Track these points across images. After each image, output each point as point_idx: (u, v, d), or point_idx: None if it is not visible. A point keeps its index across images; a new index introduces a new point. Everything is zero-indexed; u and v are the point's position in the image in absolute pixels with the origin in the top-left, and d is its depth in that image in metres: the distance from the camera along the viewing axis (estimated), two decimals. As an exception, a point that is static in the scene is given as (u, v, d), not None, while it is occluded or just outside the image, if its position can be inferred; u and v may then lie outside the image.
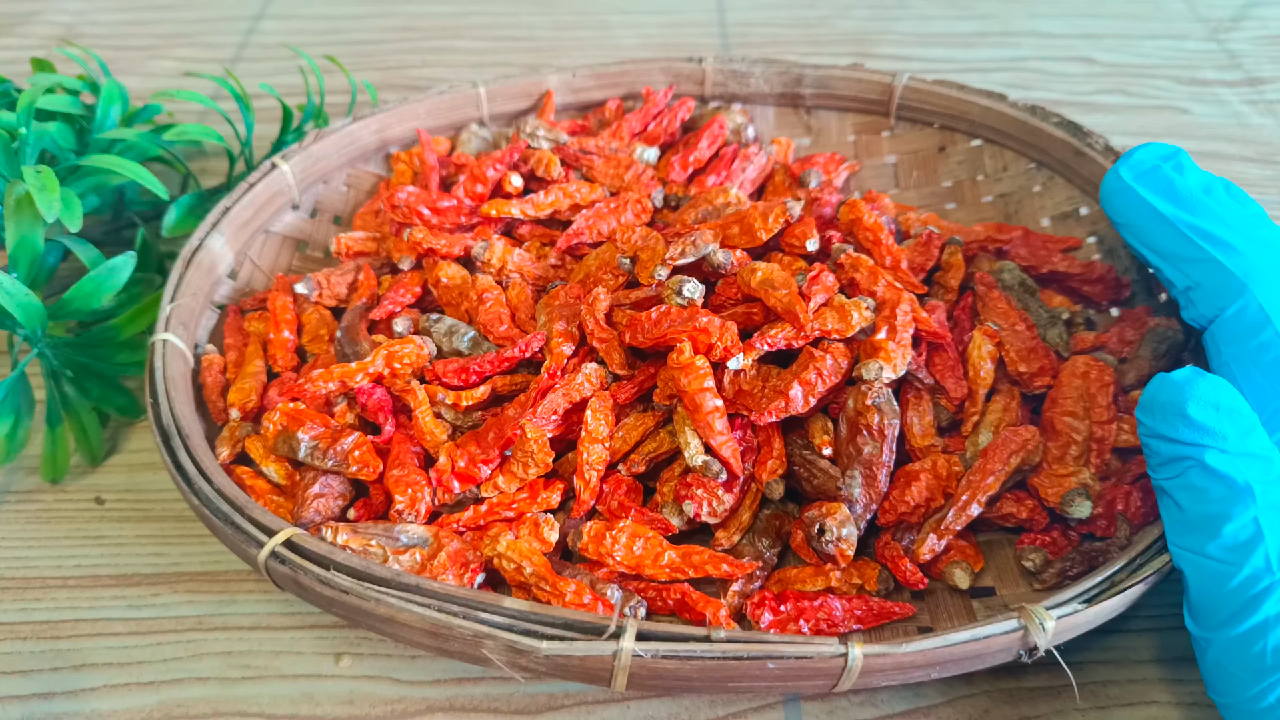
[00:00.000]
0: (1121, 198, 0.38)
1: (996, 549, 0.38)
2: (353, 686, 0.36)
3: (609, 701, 0.36)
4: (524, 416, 0.38)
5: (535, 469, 0.38)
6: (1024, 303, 0.43)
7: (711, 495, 0.37)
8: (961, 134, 0.53)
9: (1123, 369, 0.41)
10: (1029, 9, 0.73)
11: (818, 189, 0.49)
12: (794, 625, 0.35)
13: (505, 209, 0.47)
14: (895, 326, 0.38)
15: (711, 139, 0.51)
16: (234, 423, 0.41)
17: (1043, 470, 0.38)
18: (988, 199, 0.51)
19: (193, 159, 0.60)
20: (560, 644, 0.30)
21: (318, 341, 0.45)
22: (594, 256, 0.44)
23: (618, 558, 0.36)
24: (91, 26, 0.73)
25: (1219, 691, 0.32)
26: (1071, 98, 0.64)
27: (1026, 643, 0.31)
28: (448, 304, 0.45)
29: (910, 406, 0.39)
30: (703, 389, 0.37)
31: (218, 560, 0.40)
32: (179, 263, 0.44)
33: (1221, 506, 0.30)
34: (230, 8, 0.75)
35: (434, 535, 0.36)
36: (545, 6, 0.75)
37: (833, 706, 0.35)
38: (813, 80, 0.54)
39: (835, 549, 0.35)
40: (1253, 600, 0.30)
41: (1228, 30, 0.70)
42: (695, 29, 0.72)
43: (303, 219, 0.51)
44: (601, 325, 0.40)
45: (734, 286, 0.41)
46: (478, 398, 0.40)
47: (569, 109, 0.56)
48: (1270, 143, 0.60)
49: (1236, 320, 0.34)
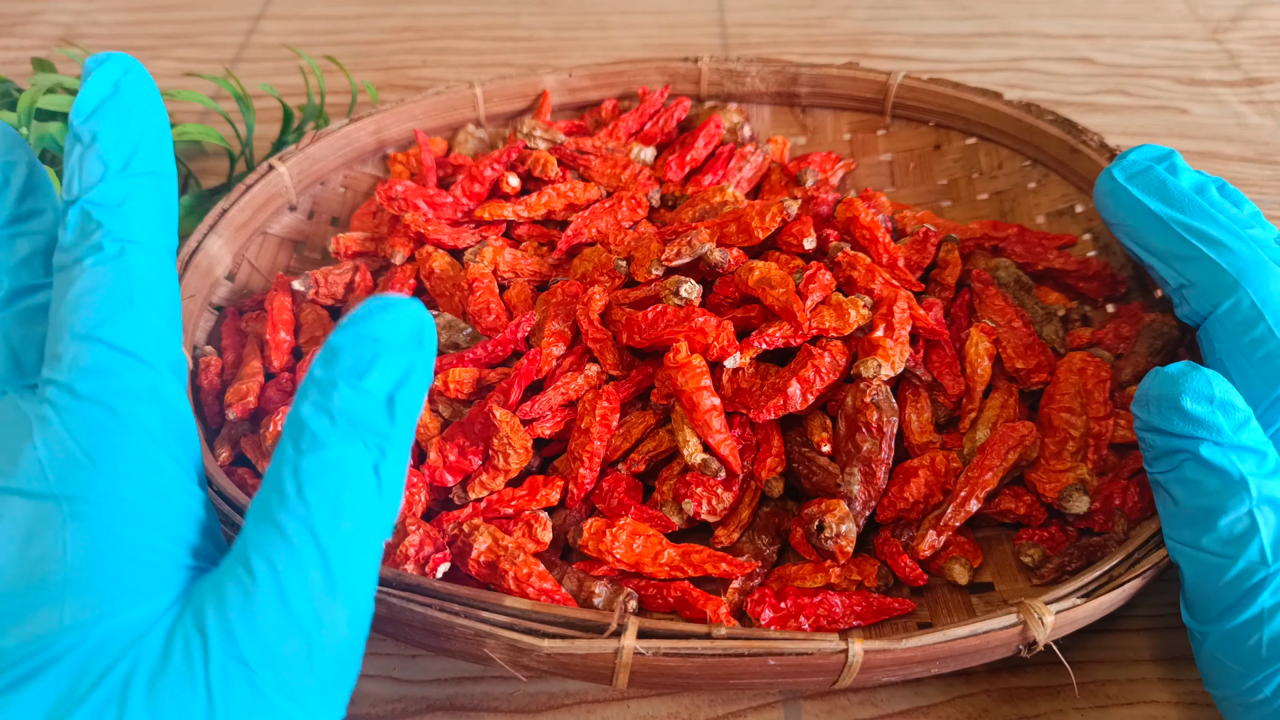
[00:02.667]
0: (1114, 198, 0.39)
1: (995, 545, 0.38)
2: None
3: (609, 700, 0.36)
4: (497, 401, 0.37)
5: (516, 457, 0.37)
6: (1020, 300, 0.43)
7: (711, 493, 0.37)
8: (957, 132, 0.53)
9: (1119, 365, 0.41)
10: (1028, 9, 0.73)
11: (814, 187, 0.49)
12: (794, 622, 0.35)
13: (499, 212, 0.47)
14: (893, 324, 0.38)
15: (708, 138, 0.51)
16: (231, 424, 0.41)
17: (1040, 466, 0.38)
18: (983, 196, 0.51)
19: (193, 159, 0.60)
20: (562, 642, 0.30)
21: (314, 343, 0.45)
22: (587, 257, 0.44)
23: (617, 555, 0.36)
24: (92, 27, 0.73)
25: (1215, 685, 0.32)
26: (1071, 98, 0.64)
27: (1026, 637, 0.31)
28: (440, 295, 0.45)
29: (908, 403, 0.40)
30: (700, 388, 0.37)
31: (218, 559, 0.40)
32: (177, 264, 0.44)
33: (1216, 499, 0.30)
34: (230, 8, 0.76)
35: (400, 522, 0.36)
36: (545, 7, 0.75)
37: (832, 705, 0.36)
38: (808, 79, 0.55)
39: (834, 546, 0.35)
40: (1248, 593, 0.30)
41: (1227, 30, 0.70)
42: (695, 30, 0.72)
43: (300, 220, 0.51)
44: (596, 325, 0.40)
45: (731, 285, 0.41)
46: (466, 383, 0.40)
47: (565, 109, 0.56)
48: (1269, 143, 0.60)
49: (1230, 317, 0.35)
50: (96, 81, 0.29)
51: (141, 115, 0.29)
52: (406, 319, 0.27)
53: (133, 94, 0.29)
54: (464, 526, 0.36)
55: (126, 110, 0.29)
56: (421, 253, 0.46)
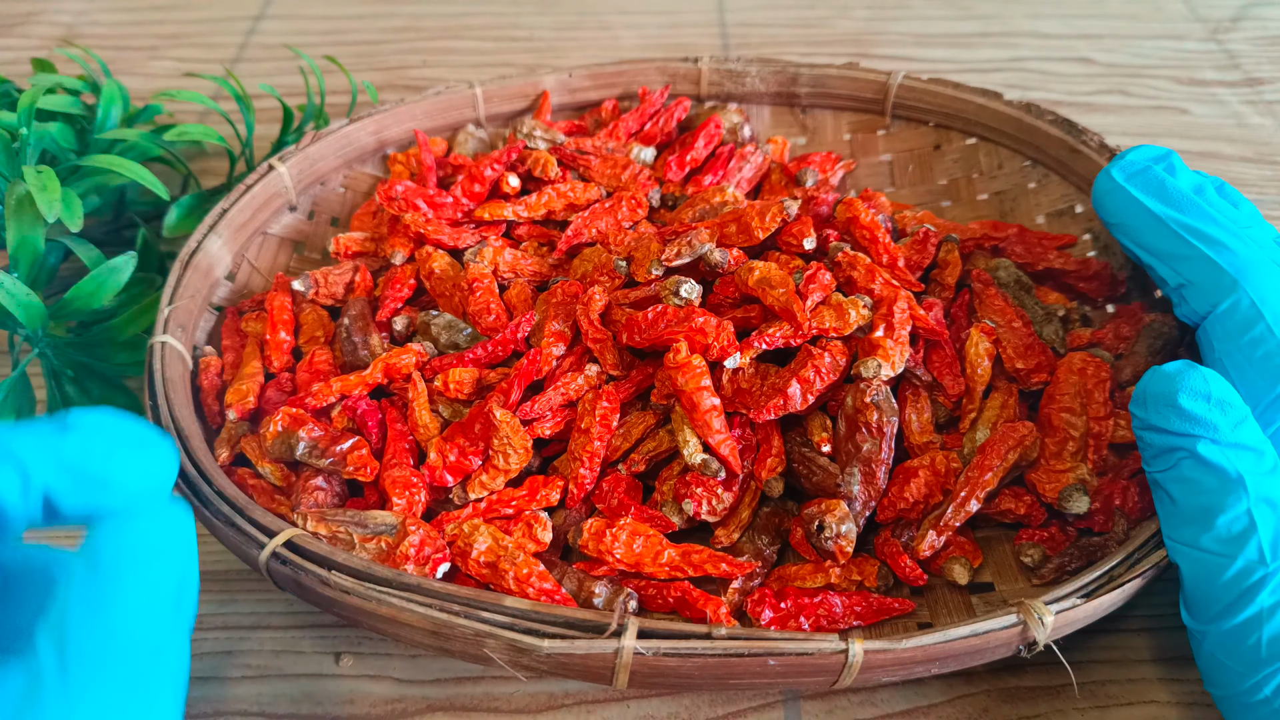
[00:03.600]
0: (1113, 198, 0.39)
1: (995, 545, 0.38)
2: (353, 686, 0.36)
3: (609, 700, 0.36)
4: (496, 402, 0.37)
5: (515, 457, 0.37)
6: (1020, 300, 0.43)
7: (711, 493, 0.37)
8: (957, 132, 0.53)
9: (1119, 365, 0.41)
10: (1029, 9, 0.73)
11: (814, 188, 0.49)
12: (794, 622, 0.35)
13: (499, 212, 0.47)
14: (893, 324, 0.38)
15: (708, 138, 0.51)
16: (231, 424, 0.41)
17: (1040, 466, 0.38)
18: (983, 197, 0.51)
19: (193, 159, 0.60)
20: (562, 642, 0.30)
21: (314, 343, 0.45)
22: (587, 257, 0.44)
23: (617, 555, 0.36)
24: (92, 27, 0.73)
25: (1215, 684, 0.32)
26: (1071, 98, 0.64)
27: (1026, 637, 0.31)
28: (440, 295, 0.45)
29: (908, 403, 0.40)
30: (700, 388, 0.37)
31: (218, 560, 0.40)
32: (177, 265, 0.44)
33: (1214, 498, 0.30)
34: (231, 8, 0.76)
35: (400, 523, 0.36)
36: (546, 7, 0.75)
37: (832, 705, 0.36)
38: (808, 79, 0.54)
39: (835, 546, 0.35)
40: (1246, 592, 0.30)
41: (1227, 31, 0.70)
42: (696, 30, 0.72)
43: (300, 220, 0.51)
44: (596, 325, 0.40)
45: (731, 286, 0.41)
46: (467, 384, 0.40)
47: (565, 109, 0.56)
48: (1269, 143, 0.60)
49: (1228, 316, 0.35)
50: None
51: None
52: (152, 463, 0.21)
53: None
54: (464, 527, 0.36)
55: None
56: (421, 253, 0.46)
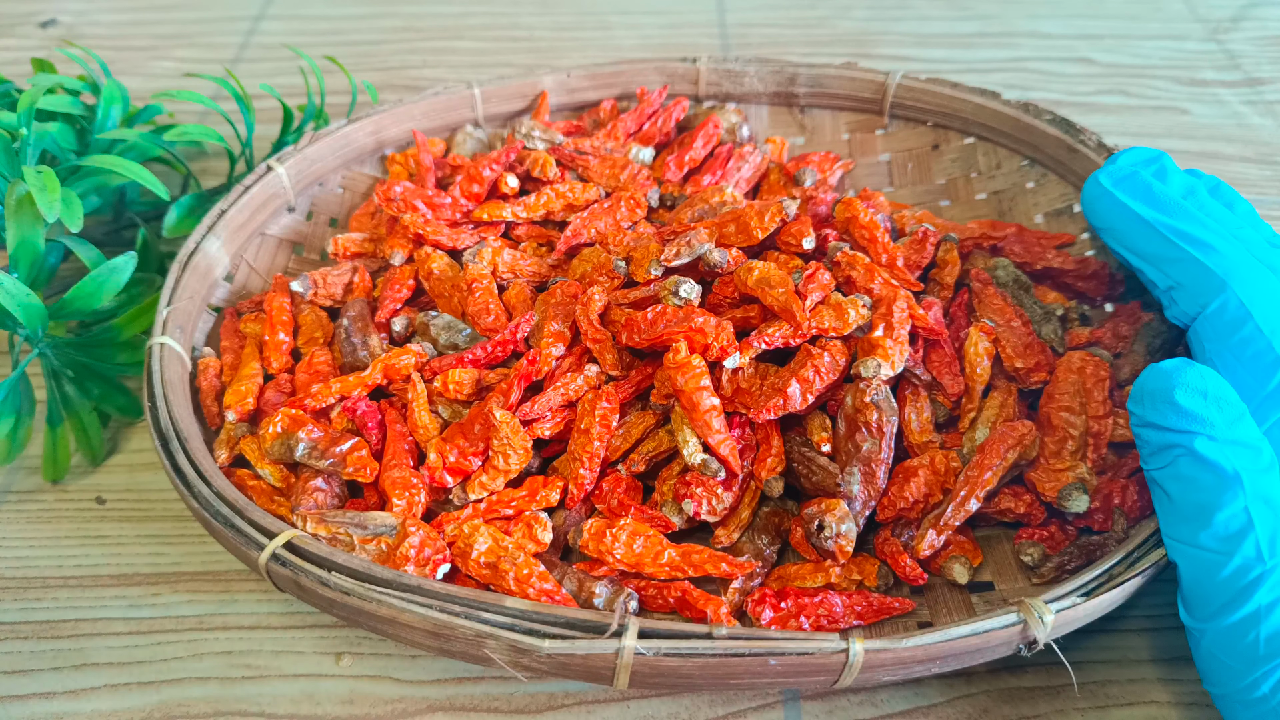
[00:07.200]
0: (1101, 203, 0.39)
1: (995, 544, 0.38)
2: (353, 686, 0.36)
3: (609, 701, 0.36)
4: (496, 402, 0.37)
5: (515, 457, 0.37)
6: (1019, 299, 0.43)
7: (710, 493, 0.37)
8: (955, 132, 0.53)
9: (1118, 364, 0.41)
10: (1029, 10, 0.73)
11: (813, 187, 0.49)
12: (794, 622, 0.35)
13: (498, 213, 0.47)
14: (892, 324, 0.38)
15: (706, 138, 0.51)
16: (230, 425, 0.41)
17: (1040, 465, 0.38)
18: (981, 196, 0.51)
19: (193, 159, 0.60)
20: (562, 643, 0.30)
21: (313, 344, 0.45)
22: (586, 257, 0.44)
23: (618, 555, 0.36)
24: (92, 27, 0.73)
25: (1213, 682, 0.32)
26: (1071, 98, 0.64)
27: (1026, 636, 0.31)
28: (439, 296, 0.45)
29: (908, 403, 0.40)
30: (699, 388, 0.37)
31: (218, 560, 0.40)
32: (175, 266, 0.44)
33: (1211, 495, 0.30)
34: (231, 8, 0.76)
35: (400, 524, 0.36)
36: (546, 7, 0.75)
37: (832, 706, 0.36)
38: (807, 79, 0.54)
39: (834, 545, 0.35)
40: (1244, 590, 0.30)
41: (1227, 31, 0.70)
42: (695, 30, 0.72)
43: (299, 221, 0.51)
44: (595, 325, 0.40)
45: (730, 286, 0.41)
46: (466, 385, 0.40)
47: (564, 109, 0.56)
48: (1269, 143, 0.60)
49: (1218, 316, 0.35)
50: None
51: None
52: None
53: None
54: (464, 527, 0.36)
55: None
56: (420, 254, 0.46)
